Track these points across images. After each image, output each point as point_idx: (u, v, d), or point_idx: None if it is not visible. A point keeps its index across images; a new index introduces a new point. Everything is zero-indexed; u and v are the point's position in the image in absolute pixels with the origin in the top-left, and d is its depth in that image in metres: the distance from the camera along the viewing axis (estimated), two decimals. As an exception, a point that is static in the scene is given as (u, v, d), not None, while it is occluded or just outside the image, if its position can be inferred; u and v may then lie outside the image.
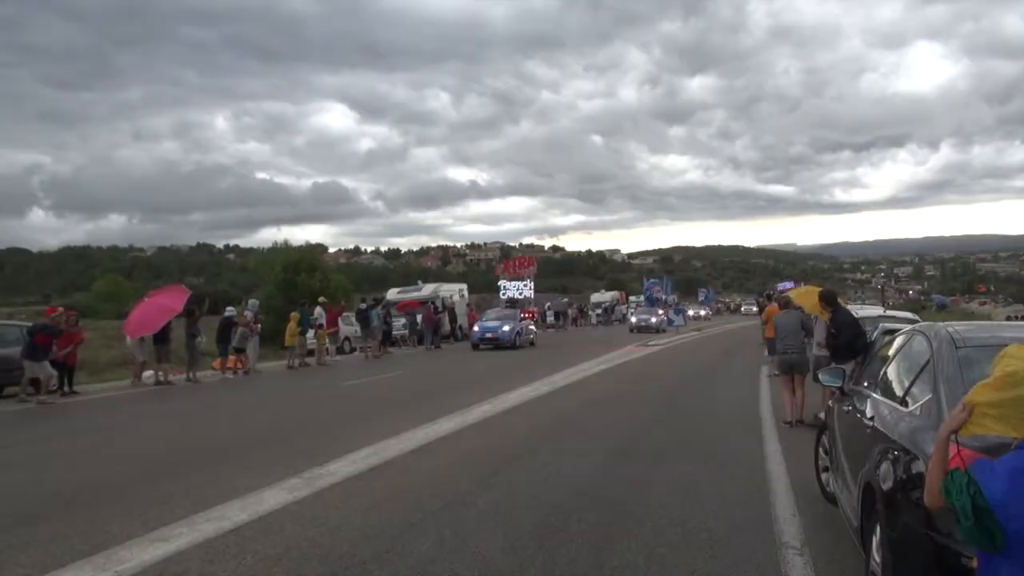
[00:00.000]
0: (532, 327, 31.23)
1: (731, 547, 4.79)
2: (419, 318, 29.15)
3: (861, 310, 16.47)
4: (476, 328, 27.78)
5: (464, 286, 39.28)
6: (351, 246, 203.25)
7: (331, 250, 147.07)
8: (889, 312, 19.06)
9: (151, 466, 7.58)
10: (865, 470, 3.82)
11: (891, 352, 4.89)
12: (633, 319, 42.01)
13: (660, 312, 41.49)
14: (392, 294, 33.99)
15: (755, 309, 71.68)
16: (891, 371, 4.63)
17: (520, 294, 43.17)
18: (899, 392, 4.17)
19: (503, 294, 43.45)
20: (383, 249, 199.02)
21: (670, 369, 19.02)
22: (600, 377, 16.73)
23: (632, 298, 73.19)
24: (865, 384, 5.03)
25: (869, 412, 4.33)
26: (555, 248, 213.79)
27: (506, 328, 27.00)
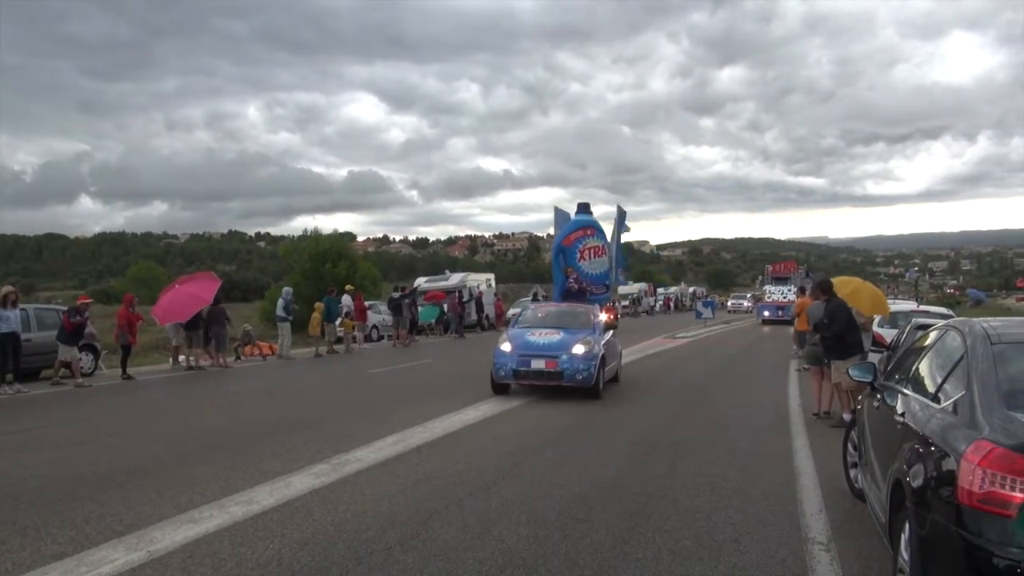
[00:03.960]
0: None
1: (757, 541, 4.77)
2: (445, 307, 29.41)
3: (894, 305, 16.27)
4: None
5: (491, 276, 39.29)
6: (380, 235, 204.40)
7: (360, 239, 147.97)
8: (922, 307, 18.83)
9: (181, 449, 7.71)
10: (895, 467, 3.77)
11: (924, 347, 4.82)
12: (504, 347, 11.67)
13: (599, 318, 12.91)
14: (420, 283, 34.16)
15: (746, 304, 56.78)
16: (923, 367, 4.56)
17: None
18: (931, 388, 4.10)
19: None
20: (411, 238, 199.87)
21: (696, 362, 18.89)
22: (627, 368, 16.63)
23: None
24: (896, 379, 4.96)
25: (900, 408, 4.27)
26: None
27: None
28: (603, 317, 13.25)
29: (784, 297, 37.03)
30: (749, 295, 63.26)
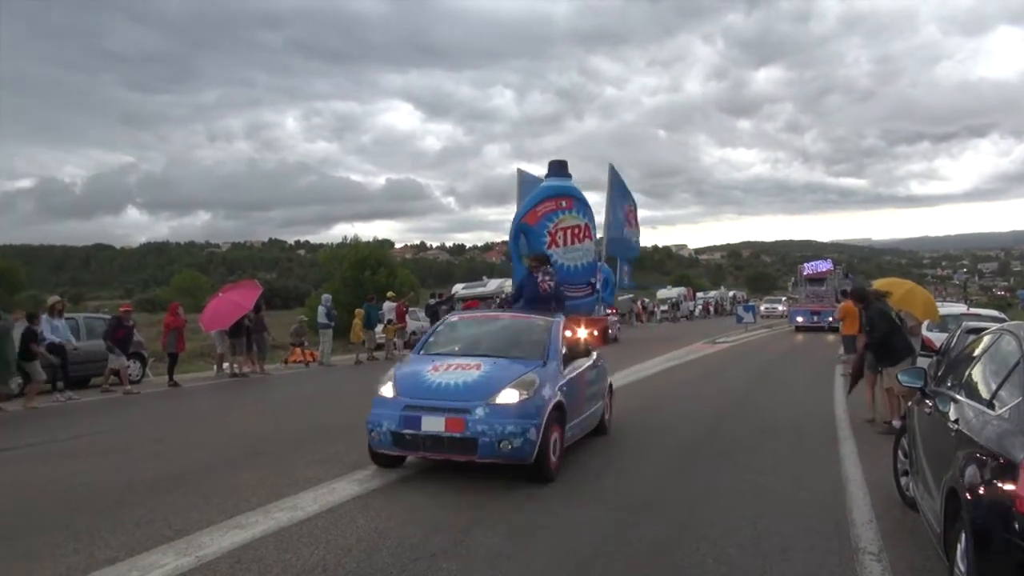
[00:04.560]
0: None
1: (804, 550, 4.68)
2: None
3: (943, 308, 15.85)
4: None
5: (529, 282, 39.11)
6: (417, 242, 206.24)
7: (397, 246, 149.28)
8: (972, 310, 18.34)
9: (226, 455, 7.83)
10: (949, 475, 3.67)
11: (977, 352, 4.69)
12: (385, 390, 6.80)
13: (560, 337, 7.35)
14: (458, 289, 34.25)
15: (780, 308, 51.90)
16: (977, 372, 4.44)
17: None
18: (985, 394, 3.98)
19: None
20: (448, 245, 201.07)
21: (738, 366, 18.64)
22: (667, 374, 16.52)
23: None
24: (948, 385, 4.83)
25: (953, 415, 4.15)
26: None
27: None
28: (581, 335, 8.30)
29: (821, 300, 35.12)
30: (784, 299, 56.79)
